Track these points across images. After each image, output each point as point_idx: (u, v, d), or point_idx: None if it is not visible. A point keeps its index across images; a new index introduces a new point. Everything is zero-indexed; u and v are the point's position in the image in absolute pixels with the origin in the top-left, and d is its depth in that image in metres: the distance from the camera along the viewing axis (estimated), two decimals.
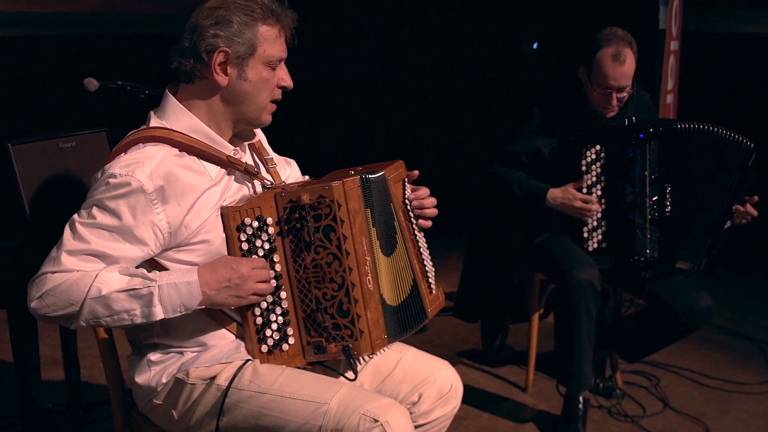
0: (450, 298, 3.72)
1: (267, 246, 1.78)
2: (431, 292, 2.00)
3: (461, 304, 3.52)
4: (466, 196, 3.65)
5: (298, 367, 1.83)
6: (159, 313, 1.68)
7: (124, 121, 1.97)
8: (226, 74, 1.77)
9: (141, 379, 1.84)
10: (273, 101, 1.85)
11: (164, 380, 1.81)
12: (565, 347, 2.87)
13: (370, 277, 1.79)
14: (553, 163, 2.92)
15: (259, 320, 1.79)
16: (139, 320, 1.69)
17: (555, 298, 3.12)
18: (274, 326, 1.81)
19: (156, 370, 1.82)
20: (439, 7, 5.93)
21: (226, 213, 1.77)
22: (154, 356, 1.83)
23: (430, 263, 2.03)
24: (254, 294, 1.75)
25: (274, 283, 1.78)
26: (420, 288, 1.95)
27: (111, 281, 1.65)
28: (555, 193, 2.86)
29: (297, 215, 1.77)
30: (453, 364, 2.07)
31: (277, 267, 1.79)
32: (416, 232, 1.99)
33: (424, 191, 2.02)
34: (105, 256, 1.68)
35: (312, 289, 1.79)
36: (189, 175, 1.75)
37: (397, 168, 1.97)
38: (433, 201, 2.02)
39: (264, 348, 1.80)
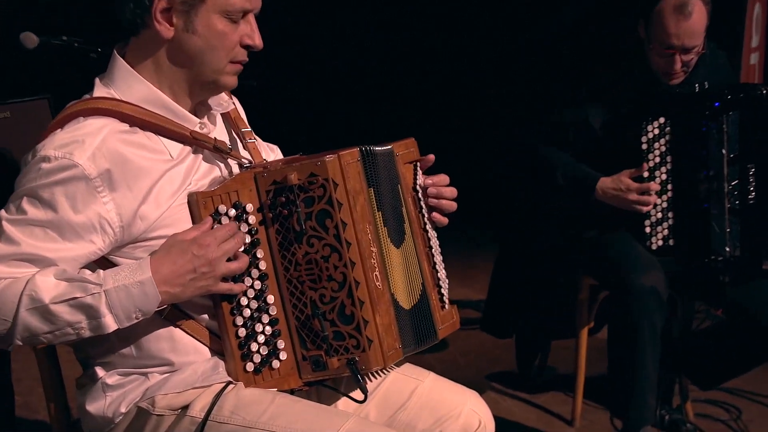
0: (478, 308, 3.73)
1: (248, 239, 1.78)
2: (443, 307, 2.00)
3: (491, 316, 3.52)
4: (496, 183, 3.65)
5: (292, 389, 1.83)
6: (111, 324, 1.68)
7: (71, 87, 1.97)
8: (171, 24, 1.76)
9: (93, 407, 1.83)
10: (237, 62, 1.83)
11: (123, 410, 1.81)
12: (621, 370, 2.87)
13: (377, 273, 1.79)
14: (605, 139, 2.92)
15: (242, 332, 1.79)
16: (87, 334, 1.69)
17: (609, 308, 3.12)
18: (261, 338, 1.80)
19: (113, 397, 1.82)
20: None
21: (195, 200, 1.77)
22: (110, 379, 1.82)
23: (444, 271, 2.02)
24: (225, 279, 1.74)
25: (247, 259, 1.77)
26: (429, 297, 1.95)
27: (46, 288, 1.65)
28: (605, 183, 2.85)
29: (283, 199, 1.77)
30: (482, 390, 2.08)
31: (262, 265, 1.79)
32: (428, 228, 1.99)
33: (443, 178, 2.02)
34: (39, 259, 1.68)
35: (306, 291, 1.79)
36: (142, 154, 1.75)
37: (408, 146, 1.97)
38: (453, 192, 2.02)
39: (249, 366, 1.80)
